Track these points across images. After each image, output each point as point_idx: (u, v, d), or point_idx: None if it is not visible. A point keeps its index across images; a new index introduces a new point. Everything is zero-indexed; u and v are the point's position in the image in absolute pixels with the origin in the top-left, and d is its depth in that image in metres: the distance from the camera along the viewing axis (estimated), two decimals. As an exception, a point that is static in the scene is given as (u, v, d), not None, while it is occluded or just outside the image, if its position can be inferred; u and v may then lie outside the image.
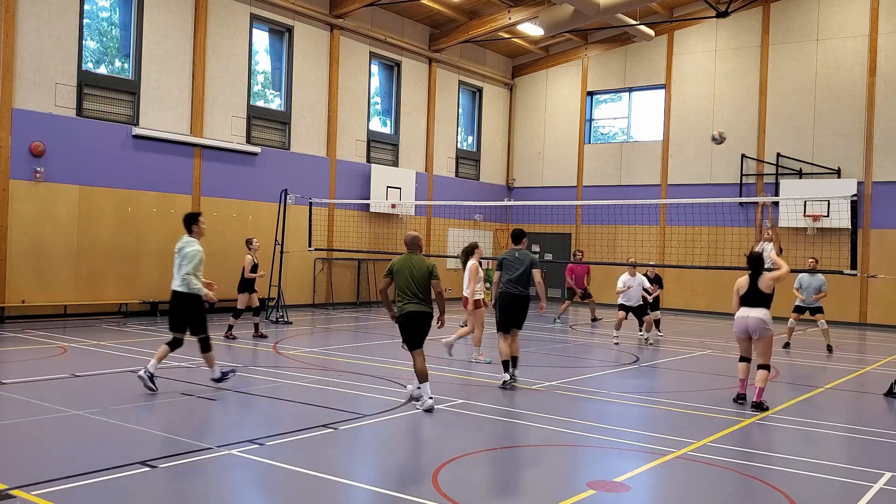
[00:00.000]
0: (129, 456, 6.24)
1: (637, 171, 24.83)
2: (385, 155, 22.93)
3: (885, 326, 20.50)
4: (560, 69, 26.58)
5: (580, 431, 7.69)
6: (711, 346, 15.35)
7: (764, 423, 8.37)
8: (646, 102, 25.38)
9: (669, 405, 9.24)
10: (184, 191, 17.54)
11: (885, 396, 10.16)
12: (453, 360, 11.83)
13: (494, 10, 22.61)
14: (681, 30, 24.14)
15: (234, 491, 5.78)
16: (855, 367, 13.06)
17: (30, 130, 14.97)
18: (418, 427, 7.85)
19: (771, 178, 22.40)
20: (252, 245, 14.23)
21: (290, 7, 19.66)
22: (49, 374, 9.64)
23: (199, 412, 8.23)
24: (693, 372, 11.76)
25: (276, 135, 19.78)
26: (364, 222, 21.98)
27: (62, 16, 15.41)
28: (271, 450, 6.58)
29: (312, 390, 9.50)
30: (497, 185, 27.16)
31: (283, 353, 12.23)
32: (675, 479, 6.35)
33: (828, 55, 21.81)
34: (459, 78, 25.47)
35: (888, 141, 20.89)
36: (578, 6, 19.61)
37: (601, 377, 11.24)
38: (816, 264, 15.10)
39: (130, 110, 16.64)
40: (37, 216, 15.17)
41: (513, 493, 5.99)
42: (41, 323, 14.83)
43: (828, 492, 6.16)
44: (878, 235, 20.99)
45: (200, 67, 17.69)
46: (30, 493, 5.23)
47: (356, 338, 15.03)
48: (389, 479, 6.13)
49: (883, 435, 8.04)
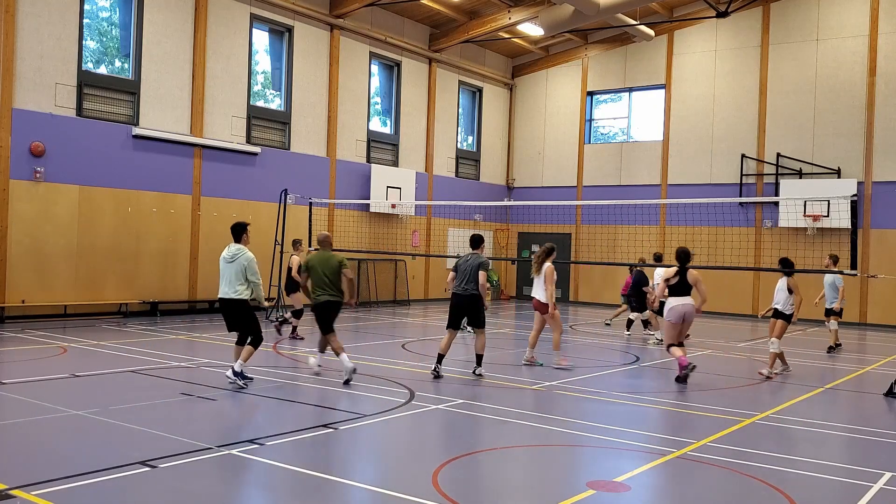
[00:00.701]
0: (129, 456, 6.23)
1: (637, 171, 24.83)
2: (385, 155, 22.93)
3: (885, 326, 20.50)
4: (560, 69, 26.58)
5: (580, 431, 7.69)
6: (711, 346, 15.35)
7: (764, 423, 8.37)
8: (646, 102, 25.38)
9: (669, 405, 9.24)
10: (184, 191, 17.55)
11: (885, 396, 10.16)
12: (454, 360, 11.81)
13: (494, 10, 22.62)
14: (681, 30, 24.14)
15: (234, 491, 5.78)
16: (855, 367, 13.06)
17: (30, 130, 14.97)
18: (418, 427, 7.86)
19: (771, 178, 22.41)
20: (300, 247, 14.25)
21: (290, 7, 19.66)
22: (49, 374, 9.64)
23: (199, 412, 8.23)
24: (693, 372, 11.73)
25: (276, 135, 19.78)
26: (364, 222, 21.98)
27: (62, 16, 15.42)
28: (271, 450, 6.58)
29: (312, 390, 9.50)
30: (497, 185, 27.16)
31: (283, 353, 12.23)
32: (675, 479, 6.35)
33: (828, 55, 21.81)
34: (459, 78, 25.47)
35: (888, 141, 20.89)
36: (578, 6, 19.61)
37: (601, 377, 11.24)
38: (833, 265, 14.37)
39: (130, 110, 16.64)
40: (37, 216, 15.17)
41: (513, 493, 5.99)
42: (41, 323, 14.83)
43: (828, 492, 6.15)
44: (878, 235, 20.99)
45: (200, 67, 17.69)
46: (30, 493, 5.23)
47: (356, 338, 15.02)
48: (389, 479, 6.13)
49: (883, 435, 8.04)
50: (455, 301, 10.58)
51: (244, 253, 9.16)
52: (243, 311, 9.21)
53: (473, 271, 10.42)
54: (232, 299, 9.13)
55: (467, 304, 10.46)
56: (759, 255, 22.07)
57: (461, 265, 10.58)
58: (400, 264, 23.20)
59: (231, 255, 9.14)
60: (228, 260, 9.14)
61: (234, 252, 9.15)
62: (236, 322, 9.29)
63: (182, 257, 17.51)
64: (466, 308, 10.51)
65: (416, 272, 23.96)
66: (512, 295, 27.16)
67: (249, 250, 9.27)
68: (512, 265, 27.01)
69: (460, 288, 10.50)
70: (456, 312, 10.59)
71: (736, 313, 22.18)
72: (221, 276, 9.24)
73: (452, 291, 10.63)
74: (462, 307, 10.52)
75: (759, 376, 11.44)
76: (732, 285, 22.41)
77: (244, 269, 9.10)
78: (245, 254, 9.15)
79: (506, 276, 27.26)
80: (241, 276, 9.11)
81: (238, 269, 9.09)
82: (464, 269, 10.51)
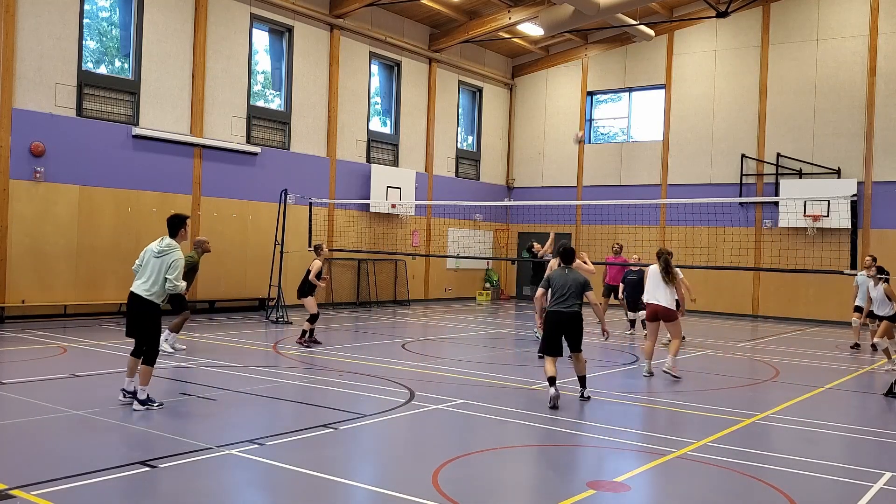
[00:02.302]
0: (129, 456, 6.24)
1: (637, 171, 24.83)
2: (385, 155, 22.93)
3: (885, 326, 20.48)
4: (560, 69, 26.58)
5: (580, 431, 7.69)
6: (711, 345, 15.35)
7: (764, 423, 8.37)
8: (646, 102, 25.38)
9: (669, 405, 9.24)
10: (184, 191, 17.55)
11: (885, 396, 10.16)
12: (454, 360, 11.82)
13: (494, 10, 22.62)
14: (681, 30, 24.14)
15: (234, 491, 5.77)
16: (855, 367, 13.06)
17: (30, 130, 14.97)
18: (418, 427, 7.86)
19: (771, 178, 22.41)
20: (322, 251, 13.44)
21: (290, 7, 19.66)
22: (49, 374, 9.64)
23: (199, 412, 8.23)
24: (693, 372, 11.75)
25: (276, 135, 19.78)
26: (364, 222, 21.98)
27: (62, 16, 15.42)
28: (271, 450, 6.58)
29: (312, 390, 9.50)
30: (497, 185, 27.16)
31: (283, 353, 12.23)
32: (675, 479, 6.35)
33: (828, 55, 21.81)
34: (459, 78, 25.47)
35: (888, 141, 20.89)
36: (578, 6, 19.61)
37: (601, 377, 11.23)
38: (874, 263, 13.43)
39: (130, 110, 16.64)
40: (37, 216, 15.17)
41: (513, 493, 5.99)
42: (41, 323, 14.83)
43: (828, 492, 6.16)
44: (878, 235, 20.99)
45: (200, 67, 17.69)
46: (30, 493, 5.23)
47: (356, 338, 15.03)
48: (389, 479, 6.13)
49: (883, 435, 8.04)
50: (555, 318, 9.07)
51: (174, 251, 8.07)
52: (150, 317, 8.04)
53: (578, 287, 9.05)
54: (143, 298, 7.98)
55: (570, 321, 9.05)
56: (759, 255, 22.07)
57: (557, 279, 9.20)
58: (400, 264, 23.20)
59: (160, 250, 8.05)
60: (156, 254, 8.04)
61: (163, 247, 8.07)
62: (139, 327, 8.07)
63: (182, 257, 17.49)
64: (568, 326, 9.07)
65: (416, 272, 23.96)
66: (512, 295, 27.17)
67: (182, 249, 8.25)
68: (512, 265, 27.02)
69: (563, 304, 9.04)
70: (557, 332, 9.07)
71: (736, 313, 22.18)
72: (143, 269, 8.09)
73: (554, 309, 9.12)
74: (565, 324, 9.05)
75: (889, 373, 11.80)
76: (732, 285, 22.42)
77: (167, 268, 7.97)
78: (175, 251, 8.07)
79: (506, 276, 27.26)
80: (160, 275, 7.99)
81: (162, 268, 7.98)
82: (563, 284, 9.08)
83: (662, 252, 11.42)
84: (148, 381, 8.01)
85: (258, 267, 18.58)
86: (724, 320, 21.08)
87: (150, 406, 7.97)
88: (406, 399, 8.82)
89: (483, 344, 14.23)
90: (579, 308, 9.05)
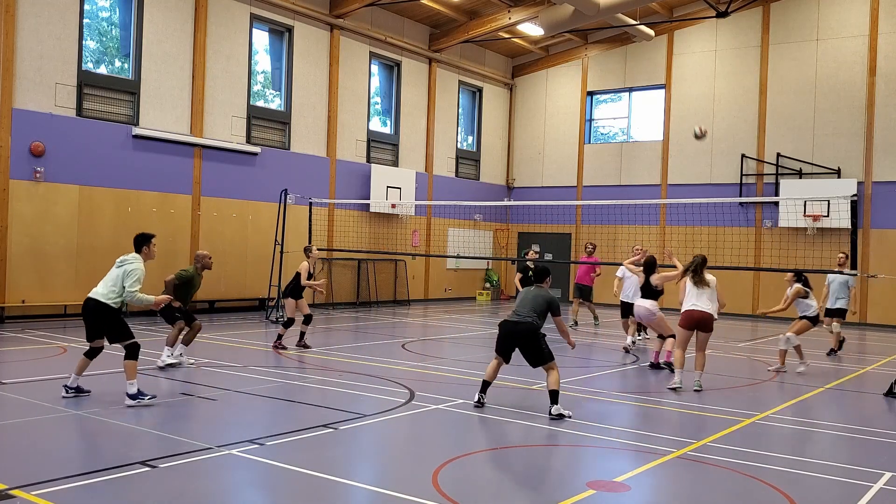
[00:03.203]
0: (129, 456, 6.24)
1: (637, 171, 24.83)
2: (385, 155, 22.93)
3: (885, 326, 20.50)
4: (560, 69, 26.58)
5: (580, 431, 7.69)
6: (711, 345, 15.32)
7: (764, 423, 8.37)
8: (646, 102, 25.37)
9: (669, 405, 9.24)
10: (184, 191, 17.55)
11: (885, 396, 10.16)
12: (454, 360, 11.83)
13: (494, 10, 22.62)
14: (681, 30, 24.14)
15: (234, 491, 5.77)
16: (855, 367, 13.06)
17: (30, 130, 14.97)
18: (418, 427, 7.86)
19: (771, 178, 22.41)
20: (311, 253, 13.37)
21: (290, 7, 19.66)
22: (49, 374, 9.64)
23: (199, 412, 8.23)
24: (693, 372, 11.72)
25: (276, 135, 19.78)
26: (364, 222, 21.98)
27: (62, 16, 15.42)
28: (271, 450, 6.58)
29: (312, 390, 9.50)
30: (497, 185, 27.16)
31: (283, 354, 12.23)
32: (675, 479, 6.35)
33: (828, 55, 21.80)
34: (459, 78, 25.47)
35: (888, 141, 20.89)
36: (578, 6, 19.61)
37: (601, 377, 11.24)
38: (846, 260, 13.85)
39: (130, 110, 16.64)
40: (37, 216, 15.17)
41: (513, 493, 5.99)
42: (41, 323, 14.83)
43: (828, 492, 6.15)
44: (878, 235, 20.99)
45: (200, 67, 17.69)
46: (30, 493, 5.23)
47: (356, 338, 15.03)
48: (389, 479, 6.13)
49: (883, 435, 8.04)
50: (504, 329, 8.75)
51: (135, 263, 8.28)
52: (108, 316, 8.18)
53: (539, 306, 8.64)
54: (99, 301, 8.15)
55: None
56: (759, 255, 22.07)
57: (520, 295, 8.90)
58: (400, 264, 23.20)
59: (121, 261, 8.37)
60: (118, 265, 8.35)
61: (124, 258, 8.39)
62: (100, 329, 8.26)
63: (182, 257, 17.48)
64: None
65: (416, 272, 23.96)
66: (512, 295, 27.14)
67: (145, 265, 8.40)
68: (512, 265, 27.01)
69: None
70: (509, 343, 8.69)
71: (736, 313, 22.17)
72: (104, 278, 8.41)
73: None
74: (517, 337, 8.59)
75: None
76: (732, 285, 22.34)
77: (125, 276, 8.16)
78: (135, 263, 8.28)
79: (506, 276, 27.25)
80: (118, 283, 8.19)
81: (120, 275, 8.20)
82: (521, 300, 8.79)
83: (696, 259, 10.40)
84: (134, 375, 8.10)
85: (258, 267, 18.58)
86: (724, 320, 21.07)
87: (142, 399, 8.02)
88: (406, 399, 8.82)
89: (483, 344, 14.23)
90: (535, 323, 8.38)
